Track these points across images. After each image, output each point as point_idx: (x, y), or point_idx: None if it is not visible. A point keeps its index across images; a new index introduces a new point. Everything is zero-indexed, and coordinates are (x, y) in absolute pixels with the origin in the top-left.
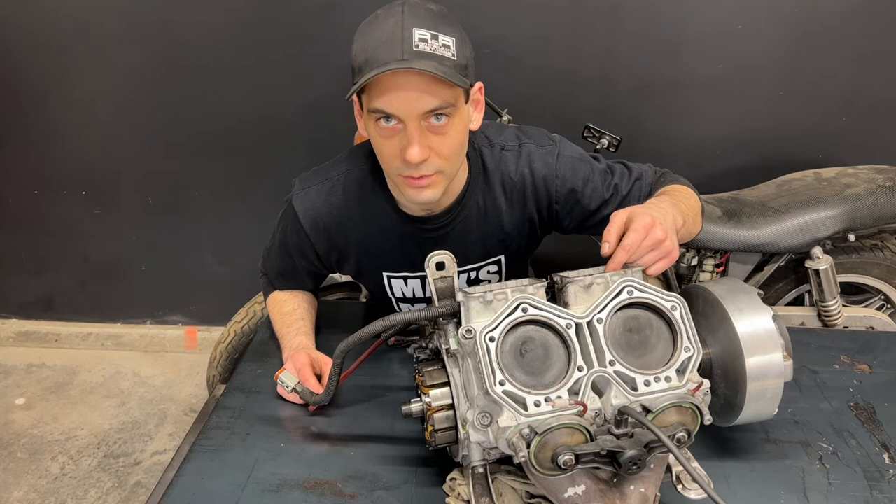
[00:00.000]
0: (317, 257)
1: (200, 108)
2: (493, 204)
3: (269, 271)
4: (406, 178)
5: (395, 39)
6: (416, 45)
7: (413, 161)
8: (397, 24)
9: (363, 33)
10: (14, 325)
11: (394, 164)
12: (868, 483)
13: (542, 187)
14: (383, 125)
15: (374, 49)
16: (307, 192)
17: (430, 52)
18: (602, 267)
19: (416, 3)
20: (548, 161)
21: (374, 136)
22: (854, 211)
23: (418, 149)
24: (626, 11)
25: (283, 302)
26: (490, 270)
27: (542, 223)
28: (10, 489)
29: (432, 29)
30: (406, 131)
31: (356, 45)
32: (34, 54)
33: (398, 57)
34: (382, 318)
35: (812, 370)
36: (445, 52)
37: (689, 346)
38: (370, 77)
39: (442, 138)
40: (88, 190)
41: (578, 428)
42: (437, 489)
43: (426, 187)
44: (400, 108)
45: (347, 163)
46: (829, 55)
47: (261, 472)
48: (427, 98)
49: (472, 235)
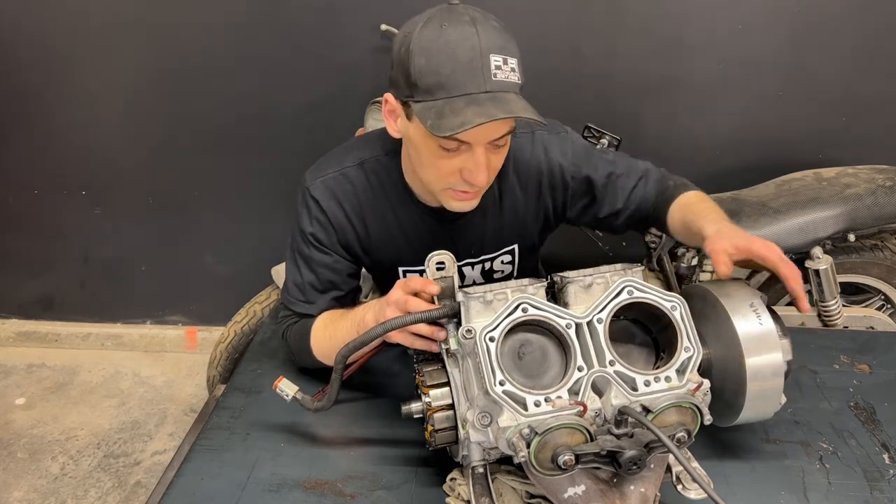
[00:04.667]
0: (344, 247)
1: (200, 109)
2: (509, 191)
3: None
4: (456, 192)
5: (476, 66)
6: (493, 73)
7: (480, 185)
8: (474, 47)
9: (432, 49)
10: (14, 325)
11: (449, 180)
12: (868, 483)
13: (557, 173)
14: (449, 146)
15: (449, 73)
16: (323, 180)
17: (507, 81)
18: (602, 267)
19: (482, 20)
20: (563, 148)
21: (429, 152)
22: (854, 211)
23: (486, 173)
24: (626, 11)
25: (321, 327)
26: (504, 260)
27: (555, 210)
28: (10, 489)
29: (503, 52)
30: (473, 154)
31: (422, 59)
32: (34, 54)
33: (482, 87)
34: (383, 322)
35: (812, 370)
36: (514, 78)
37: (689, 346)
38: (475, 124)
39: (497, 156)
40: (88, 190)
41: (578, 428)
42: (437, 489)
43: (472, 199)
44: (477, 138)
45: (361, 151)
46: (829, 55)
47: (261, 472)
48: (502, 129)
49: (489, 224)
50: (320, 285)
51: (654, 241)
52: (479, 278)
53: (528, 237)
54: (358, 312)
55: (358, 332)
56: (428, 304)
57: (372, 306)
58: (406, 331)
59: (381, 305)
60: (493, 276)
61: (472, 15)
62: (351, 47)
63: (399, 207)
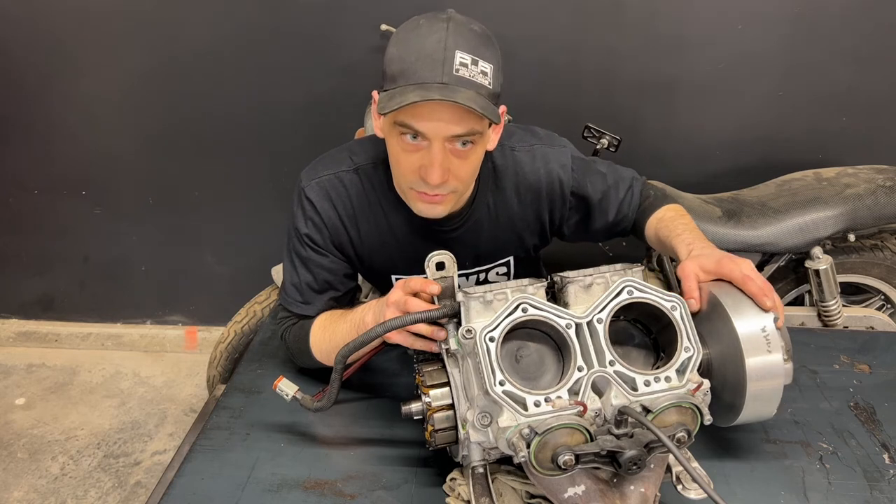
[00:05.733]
0: (338, 248)
1: (201, 109)
2: (504, 205)
3: (295, 299)
4: (419, 193)
5: (437, 59)
6: (456, 68)
7: (432, 183)
8: (440, 41)
9: (403, 40)
10: (14, 325)
11: (409, 178)
12: (868, 483)
13: (557, 187)
14: (408, 140)
15: (412, 62)
16: (318, 181)
17: (469, 79)
18: (602, 267)
19: (461, 21)
20: (563, 162)
21: (393, 145)
22: (854, 211)
23: (439, 172)
24: (626, 11)
25: (320, 328)
26: (499, 272)
27: (552, 223)
28: (10, 489)
29: (473, 53)
30: (430, 151)
31: (393, 49)
32: (35, 54)
33: (438, 79)
34: (383, 322)
35: (812, 370)
36: (483, 80)
37: (689, 346)
38: (408, 103)
39: (462, 162)
40: (88, 190)
41: (578, 428)
42: (437, 489)
43: (437, 204)
44: (429, 129)
45: (357, 155)
46: (829, 55)
47: (261, 472)
48: (458, 125)
49: (483, 237)
50: (317, 286)
51: None
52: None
53: (523, 250)
54: (357, 313)
55: (358, 333)
56: (428, 304)
57: (372, 307)
58: (406, 331)
59: (381, 306)
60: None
61: (453, 17)
62: (351, 47)
63: (393, 215)
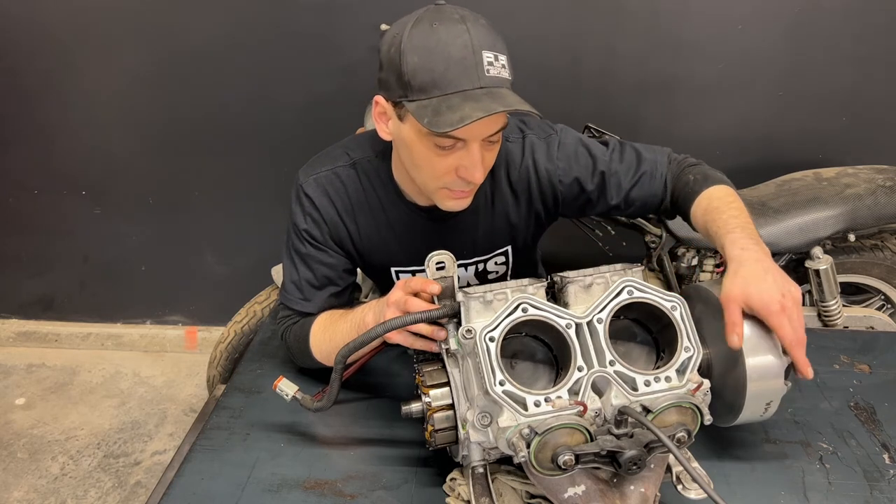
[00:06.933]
0: (337, 243)
1: (200, 109)
2: (500, 195)
3: (295, 296)
4: (450, 192)
5: (469, 64)
6: (486, 69)
7: (477, 182)
8: (466, 45)
9: (423, 47)
10: (14, 325)
11: (444, 179)
12: (868, 483)
13: (546, 180)
14: (444, 144)
15: (443, 70)
16: (316, 178)
17: (500, 77)
18: (602, 267)
19: (470, 16)
20: (550, 152)
21: (421, 150)
22: (854, 211)
23: (482, 170)
24: (626, 11)
25: (320, 328)
26: (498, 262)
27: (547, 213)
28: (10, 489)
29: (493, 49)
30: (468, 152)
31: (414, 58)
32: (35, 54)
33: (476, 84)
34: (383, 322)
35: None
36: (505, 74)
37: (689, 346)
38: (473, 119)
39: (491, 153)
40: (88, 190)
41: (578, 428)
42: (437, 489)
43: (466, 197)
44: (473, 134)
45: (354, 151)
46: (829, 55)
47: (261, 472)
48: (496, 124)
49: (480, 226)
50: (317, 281)
51: (654, 241)
52: (473, 279)
53: (520, 239)
54: (358, 313)
55: (358, 333)
56: (428, 304)
57: (372, 307)
58: (406, 331)
59: (381, 306)
60: (487, 276)
61: (462, 13)
62: (351, 47)
63: (390, 208)
